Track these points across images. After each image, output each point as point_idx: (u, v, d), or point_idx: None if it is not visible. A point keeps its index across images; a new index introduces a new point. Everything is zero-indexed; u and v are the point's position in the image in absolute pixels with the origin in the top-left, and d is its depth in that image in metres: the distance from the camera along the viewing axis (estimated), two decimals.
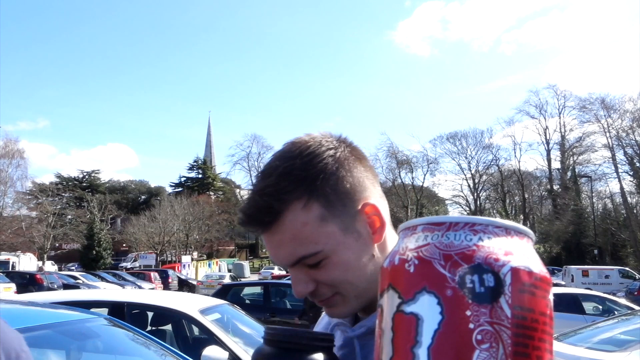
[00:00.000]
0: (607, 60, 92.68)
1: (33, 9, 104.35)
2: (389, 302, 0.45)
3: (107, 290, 13.12)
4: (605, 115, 48.26)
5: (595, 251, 42.88)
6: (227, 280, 26.65)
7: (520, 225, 0.47)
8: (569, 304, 10.91)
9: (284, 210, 0.72)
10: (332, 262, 0.73)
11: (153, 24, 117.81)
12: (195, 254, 53.33)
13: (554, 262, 44.93)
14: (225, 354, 3.73)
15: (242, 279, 33.09)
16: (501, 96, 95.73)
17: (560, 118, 57.69)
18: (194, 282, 31.23)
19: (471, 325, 0.41)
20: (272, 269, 40.79)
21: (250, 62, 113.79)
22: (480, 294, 0.41)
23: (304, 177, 0.72)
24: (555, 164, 59.37)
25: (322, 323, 0.94)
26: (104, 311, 4.44)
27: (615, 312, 10.38)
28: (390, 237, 0.80)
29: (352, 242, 0.74)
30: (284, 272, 31.71)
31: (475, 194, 60.99)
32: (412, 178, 60.95)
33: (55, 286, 20.57)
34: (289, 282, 0.99)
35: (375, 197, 0.78)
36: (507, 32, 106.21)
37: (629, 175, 47.04)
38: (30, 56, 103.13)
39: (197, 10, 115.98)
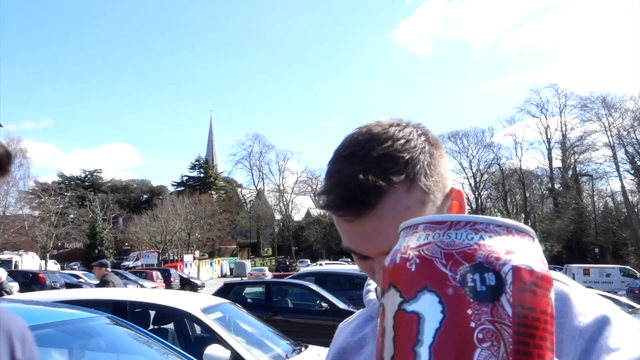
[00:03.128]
0: (608, 59, 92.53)
1: (35, 8, 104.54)
2: (390, 300, 0.45)
3: (109, 290, 13.13)
4: (606, 114, 48.26)
5: (597, 250, 42.82)
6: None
7: (521, 224, 0.47)
8: None
9: (390, 192, 0.66)
10: None
11: (155, 23, 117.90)
12: (197, 253, 53.36)
13: (555, 260, 44.87)
14: (227, 353, 3.74)
15: (244, 278, 33.13)
16: (502, 95, 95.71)
17: (561, 117, 57.70)
18: (196, 281, 31.30)
19: (472, 324, 0.41)
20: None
21: (251, 61, 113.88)
22: (481, 293, 0.41)
23: (406, 160, 0.68)
24: (557, 163, 59.38)
25: (346, 332, 0.89)
26: (107, 310, 4.44)
27: None
28: None
29: None
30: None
31: (477, 193, 60.93)
32: None
33: (58, 285, 20.60)
34: (290, 281, 0.98)
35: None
36: (508, 31, 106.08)
37: (630, 174, 46.98)
38: (33, 55, 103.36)
39: (198, 9, 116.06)
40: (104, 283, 7.13)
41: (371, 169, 0.66)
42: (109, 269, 7.45)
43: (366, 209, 0.66)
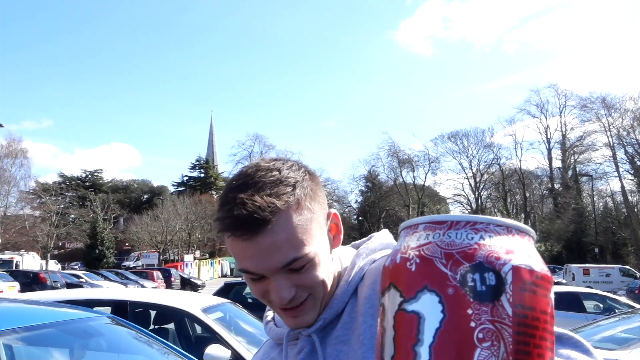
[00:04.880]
0: (608, 59, 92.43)
1: (36, 8, 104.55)
2: (390, 300, 0.45)
3: (110, 289, 13.15)
4: (606, 114, 48.27)
5: (596, 250, 42.78)
6: None
7: (521, 224, 0.47)
8: (570, 303, 10.91)
9: (282, 210, 0.75)
10: (315, 263, 0.78)
11: (155, 23, 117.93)
12: (197, 253, 53.38)
13: (555, 260, 44.89)
14: (228, 353, 3.74)
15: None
16: (502, 95, 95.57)
17: (561, 117, 57.66)
18: (197, 281, 31.31)
19: (472, 324, 0.41)
20: None
21: (252, 61, 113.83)
22: (481, 293, 0.42)
23: (293, 184, 0.78)
24: (556, 163, 59.34)
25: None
26: (107, 310, 4.45)
27: (616, 311, 10.35)
28: (337, 248, 0.89)
29: (325, 244, 0.82)
30: None
31: (477, 193, 60.92)
32: (414, 177, 60.94)
33: (59, 285, 20.61)
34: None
35: None
36: (509, 32, 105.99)
37: (630, 174, 46.97)
38: (33, 55, 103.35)
39: (198, 9, 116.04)
40: None
41: (265, 191, 0.75)
42: None
43: (262, 227, 0.73)
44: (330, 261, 0.84)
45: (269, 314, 0.97)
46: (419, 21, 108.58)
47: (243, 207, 0.73)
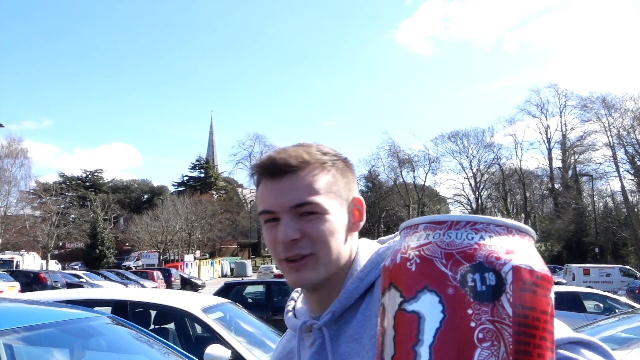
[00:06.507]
0: (608, 59, 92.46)
1: (35, 8, 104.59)
2: (390, 300, 0.46)
3: (110, 289, 13.15)
4: (606, 114, 48.20)
5: (596, 250, 42.77)
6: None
7: (521, 224, 0.47)
8: (570, 303, 10.90)
9: (312, 162, 0.87)
10: (325, 219, 0.85)
11: (156, 23, 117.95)
12: (197, 253, 53.37)
13: (555, 260, 44.87)
14: (228, 353, 3.74)
15: (245, 278, 33.15)
16: (502, 95, 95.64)
17: (561, 117, 57.65)
18: (197, 281, 31.31)
19: (473, 324, 0.41)
20: (272, 267, 41.04)
21: (252, 61, 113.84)
22: (481, 293, 0.42)
23: (325, 152, 0.90)
24: (557, 163, 59.33)
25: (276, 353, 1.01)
26: (108, 310, 4.45)
27: (616, 311, 10.35)
28: (362, 241, 0.94)
29: (343, 217, 0.88)
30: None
31: (477, 193, 60.90)
32: (414, 177, 60.98)
33: (59, 285, 20.61)
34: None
35: None
36: (509, 32, 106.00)
37: (630, 174, 46.93)
38: (34, 55, 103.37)
39: (199, 9, 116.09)
40: None
41: (301, 148, 0.89)
42: None
43: (287, 171, 0.85)
44: (344, 240, 0.87)
45: (290, 303, 1.01)
46: (419, 21, 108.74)
47: (276, 154, 0.88)
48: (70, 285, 20.10)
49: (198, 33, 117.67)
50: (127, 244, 53.81)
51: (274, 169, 0.86)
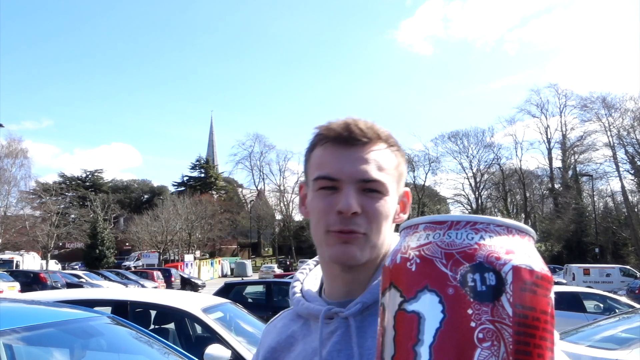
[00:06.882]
0: (608, 59, 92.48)
1: (35, 8, 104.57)
2: (390, 300, 0.46)
3: (111, 289, 13.15)
4: (606, 114, 48.18)
5: (597, 250, 42.77)
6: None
7: (521, 224, 0.47)
8: (570, 303, 10.90)
9: (384, 140, 0.87)
10: (385, 200, 0.84)
11: (156, 23, 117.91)
12: (197, 253, 53.36)
13: (555, 260, 44.85)
14: (228, 353, 3.74)
15: (245, 278, 33.14)
16: (502, 95, 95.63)
17: (561, 117, 57.64)
18: (197, 281, 31.31)
19: (473, 324, 0.41)
20: (273, 267, 41.20)
21: (252, 61, 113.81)
22: (481, 293, 0.42)
23: (394, 139, 0.90)
24: (557, 163, 59.32)
25: (271, 335, 0.95)
26: (108, 310, 4.45)
27: (617, 311, 10.35)
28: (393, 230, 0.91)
29: (395, 204, 0.87)
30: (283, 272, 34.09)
31: (477, 193, 60.89)
32: (414, 177, 60.87)
33: (59, 285, 20.60)
34: (291, 281, 1.00)
35: None
36: (509, 32, 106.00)
37: (630, 174, 46.92)
38: (34, 55, 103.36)
39: (199, 9, 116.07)
40: None
41: (374, 125, 0.88)
42: None
43: (361, 142, 0.84)
44: (390, 227, 0.86)
45: (297, 284, 0.96)
46: (419, 21, 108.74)
47: (352, 121, 0.85)
48: (70, 285, 20.09)
49: (198, 33, 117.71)
50: (127, 244, 53.79)
51: (347, 136, 0.84)
